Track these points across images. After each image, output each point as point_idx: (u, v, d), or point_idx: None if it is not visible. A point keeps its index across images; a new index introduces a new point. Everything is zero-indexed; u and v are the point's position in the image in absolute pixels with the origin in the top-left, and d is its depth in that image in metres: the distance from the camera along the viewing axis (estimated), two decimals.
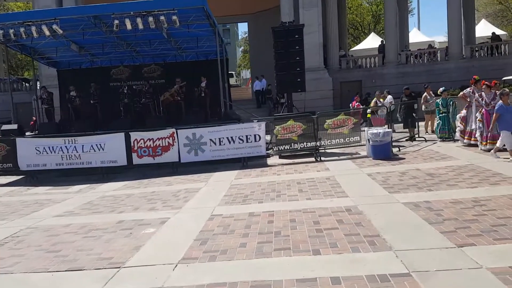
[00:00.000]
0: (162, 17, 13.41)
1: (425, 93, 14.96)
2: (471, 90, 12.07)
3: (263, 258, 4.92)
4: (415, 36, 33.79)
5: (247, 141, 12.47)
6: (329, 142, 12.56)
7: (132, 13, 13.47)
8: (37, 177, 12.96)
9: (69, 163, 12.74)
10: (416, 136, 14.34)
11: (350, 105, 17.74)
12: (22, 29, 13.63)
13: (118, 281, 4.64)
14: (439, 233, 5.32)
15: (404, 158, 11.36)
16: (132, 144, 12.60)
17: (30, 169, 12.81)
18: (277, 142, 12.54)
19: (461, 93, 12.56)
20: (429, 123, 15.26)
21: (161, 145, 12.56)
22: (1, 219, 8.05)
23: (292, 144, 12.52)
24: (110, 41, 16.58)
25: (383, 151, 11.50)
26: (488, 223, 5.58)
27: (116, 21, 13.52)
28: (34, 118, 17.14)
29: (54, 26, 13.56)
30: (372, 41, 33.46)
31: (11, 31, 13.71)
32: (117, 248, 5.75)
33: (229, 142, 12.48)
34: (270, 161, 12.93)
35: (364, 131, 12.44)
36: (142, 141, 12.60)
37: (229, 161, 12.67)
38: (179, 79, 16.37)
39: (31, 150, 12.71)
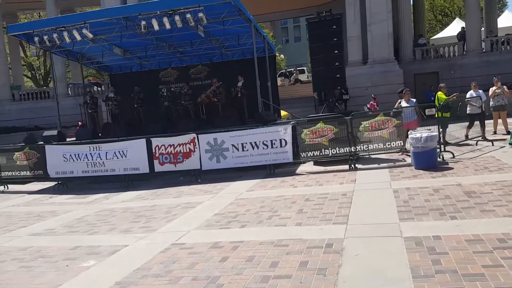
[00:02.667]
0: (188, 15, 12.62)
1: (493, 87, 12.49)
2: None
3: None
4: (507, 20, 29.59)
5: (272, 147, 11.19)
6: (365, 147, 10.82)
7: (158, 12, 12.84)
8: (67, 185, 12.84)
9: (94, 171, 12.43)
10: (480, 139, 12.02)
11: (365, 107, 15.62)
12: (55, 35, 13.61)
13: None
14: None
15: (451, 168, 9.32)
16: (153, 151, 11.93)
17: (59, 176, 12.71)
18: (304, 148, 11.07)
19: None
20: (498, 121, 12.75)
21: (182, 151, 11.73)
22: None
23: (323, 150, 10.98)
24: (150, 43, 16.21)
25: (426, 160, 9.56)
26: (496, 283, 3.84)
27: (144, 22, 12.98)
28: (80, 123, 17.35)
29: (84, 30, 13.35)
30: (456, 27, 29.95)
31: (45, 37, 13.76)
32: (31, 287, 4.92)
33: (253, 148, 11.29)
34: (301, 168, 11.55)
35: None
36: (163, 147, 11.88)
37: (256, 168, 11.51)
38: (215, 80, 15.51)
39: (59, 157, 12.60)
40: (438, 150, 10.45)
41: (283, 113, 18.40)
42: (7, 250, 6.63)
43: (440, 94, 13.19)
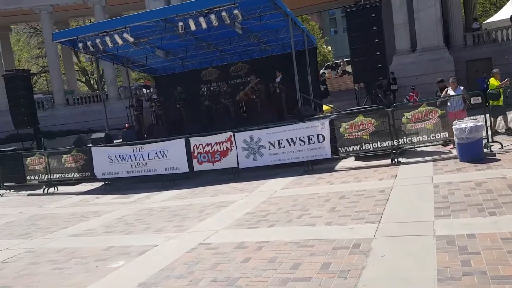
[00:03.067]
0: (223, 13, 12.66)
1: None
2: None
3: None
4: None
5: (309, 143, 10.97)
6: (408, 140, 10.35)
7: (194, 12, 12.96)
8: (113, 185, 13.26)
9: (137, 171, 12.72)
10: None
11: (405, 99, 14.87)
12: (97, 40, 14.07)
13: None
14: None
15: (498, 160, 8.73)
16: (192, 150, 12.05)
17: (105, 177, 13.12)
18: (344, 143, 10.75)
19: None
20: None
21: (219, 150, 11.76)
22: (24, 237, 8.08)
23: (363, 144, 10.61)
24: (189, 43, 16.37)
25: (472, 151, 9.00)
26: None
27: (181, 23, 13.16)
28: (127, 125, 17.85)
29: (125, 35, 13.70)
30: (510, 10, 28.10)
31: (89, 43, 14.24)
32: None
33: (289, 145, 11.12)
34: (341, 164, 11.26)
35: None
36: (201, 146, 11.96)
37: (294, 164, 11.34)
38: (253, 76, 15.46)
39: (104, 159, 13.00)
40: (486, 141, 9.85)
41: (325, 107, 18.08)
42: (45, 251, 6.88)
43: (492, 81, 12.42)
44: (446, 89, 11.10)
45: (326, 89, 26.51)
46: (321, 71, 34.00)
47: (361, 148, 10.67)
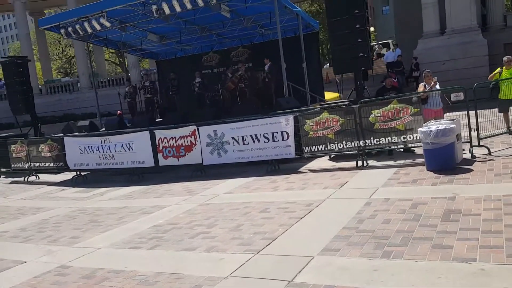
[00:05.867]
0: None
1: None
2: None
3: None
4: None
5: (273, 140, 9.92)
6: (376, 141, 9.04)
7: None
8: (86, 177, 12.87)
9: (106, 163, 12.21)
10: None
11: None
12: (77, 26, 13.66)
13: None
14: None
15: (470, 171, 7.30)
16: (157, 144, 11.35)
17: (77, 168, 12.73)
18: (308, 142, 9.59)
19: None
20: None
21: (183, 144, 10.98)
22: None
23: (328, 144, 9.44)
24: (179, 27, 15.53)
25: (439, 159, 7.60)
26: None
27: (154, 7, 12.44)
28: (119, 112, 17.43)
29: (102, 20, 13.18)
30: None
31: (70, 29, 13.84)
32: None
33: (253, 141, 10.13)
34: (313, 163, 10.17)
35: None
36: (165, 140, 11.23)
37: (262, 162, 10.35)
38: (240, 64, 14.41)
39: (75, 149, 12.58)
40: (469, 144, 8.40)
41: (330, 95, 16.70)
42: None
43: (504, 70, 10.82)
44: (421, 84, 9.60)
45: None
46: None
47: (326, 148, 9.50)
